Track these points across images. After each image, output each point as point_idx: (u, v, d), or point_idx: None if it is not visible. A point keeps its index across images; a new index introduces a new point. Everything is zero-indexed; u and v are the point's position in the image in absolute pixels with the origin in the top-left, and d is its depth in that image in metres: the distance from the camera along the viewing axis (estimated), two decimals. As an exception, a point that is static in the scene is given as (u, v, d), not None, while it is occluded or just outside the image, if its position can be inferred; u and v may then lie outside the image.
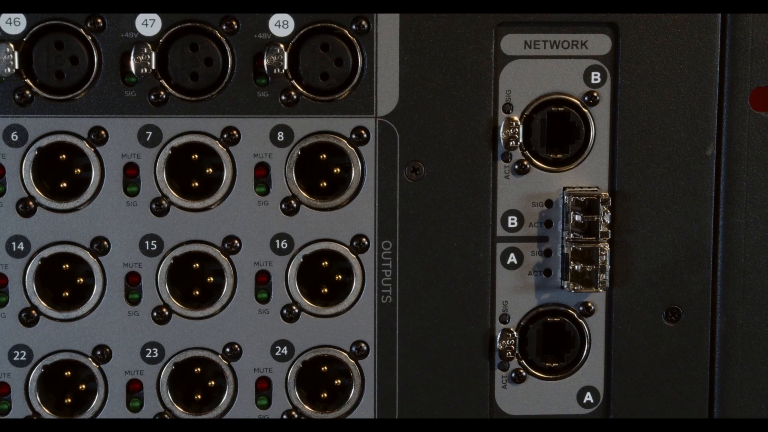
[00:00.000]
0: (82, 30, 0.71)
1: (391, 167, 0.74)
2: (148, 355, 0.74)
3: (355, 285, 0.75)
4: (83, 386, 0.74)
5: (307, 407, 0.75)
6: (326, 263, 0.75)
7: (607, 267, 0.74)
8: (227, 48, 0.72)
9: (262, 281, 0.74)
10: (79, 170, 0.73)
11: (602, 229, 0.73)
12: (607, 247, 0.74)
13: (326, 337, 0.75)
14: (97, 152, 0.72)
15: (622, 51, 0.74)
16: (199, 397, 0.75)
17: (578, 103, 0.74)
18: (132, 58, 0.71)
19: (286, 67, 0.72)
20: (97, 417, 0.74)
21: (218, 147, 0.73)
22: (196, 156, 0.73)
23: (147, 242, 0.73)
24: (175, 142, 0.72)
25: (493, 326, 0.76)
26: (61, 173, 0.73)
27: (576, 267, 0.74)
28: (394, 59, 0.73)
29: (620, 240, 0.75)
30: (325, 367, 0.76)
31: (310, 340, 0.75)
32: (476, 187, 0.74)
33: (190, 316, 0.74)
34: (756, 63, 0.74)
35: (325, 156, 0.74)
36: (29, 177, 0.72)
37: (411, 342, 0.75)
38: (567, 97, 0.74)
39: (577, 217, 0.73)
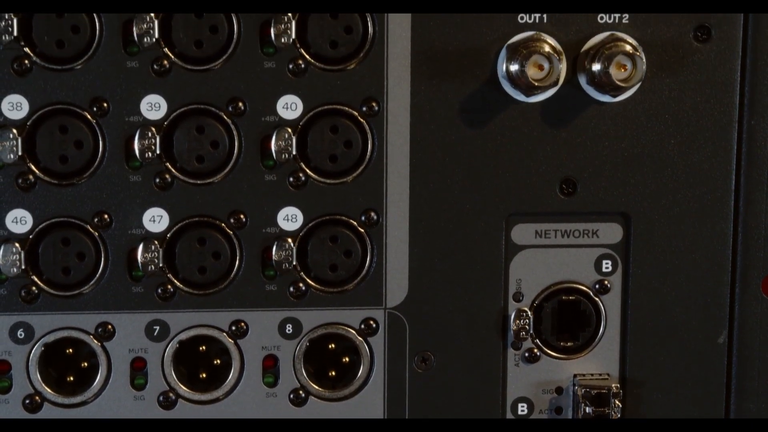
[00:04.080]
0: (89, 226, 0.70)
1: (400, 357, 0.73)
2: None
3: (364, 474, 0.74)
4: None
5: None
6: (335, 451, 0.75)
7: (618, 459, 0.73)
8: (235, 241, 0.71)
9: (271, 471, 0.74)
10: (85, 363, 0.72)
11: (613, 422, 0.73)
12: (618, 440, 0.73)
13: None
14: (104, 347, 0.72)
15: (634, 240, 0.73)
16: None
17: (589, 291, 0.74)
18: (140, 254, 0.70)
19: (294, 261, 0.71)
20: None
21: (226, 339, 0.72)
22: (204, 348, 0.73)
23: (155, 436, 0.72)
24: (183, 336, 0.72)
25: None
26: (68, 366, 0.72)
27: (587, 459, 0.73)
28: (403, 250, 0.72)
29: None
30: None
31: None
32: (486, 375, 0.74)
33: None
34: (769, 250, 0.73)
35: (333, 345, 0.73)
36: (35, 373, 0.71)
37: None
38: (578, 286, 0.74)
39: (588, 410, 0.73)
